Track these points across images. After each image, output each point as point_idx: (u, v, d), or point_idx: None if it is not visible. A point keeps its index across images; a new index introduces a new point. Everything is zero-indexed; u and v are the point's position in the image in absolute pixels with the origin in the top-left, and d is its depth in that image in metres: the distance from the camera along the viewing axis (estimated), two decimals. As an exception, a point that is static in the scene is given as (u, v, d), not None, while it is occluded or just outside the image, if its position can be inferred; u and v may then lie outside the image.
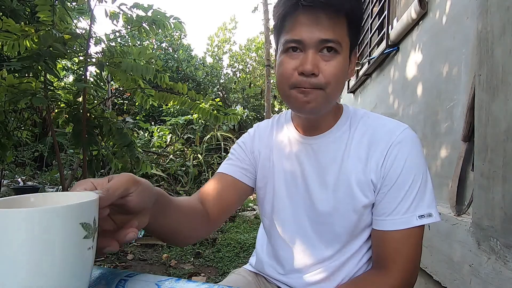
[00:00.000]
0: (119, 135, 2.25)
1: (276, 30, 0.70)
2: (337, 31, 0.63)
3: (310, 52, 0.63)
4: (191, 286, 0.51)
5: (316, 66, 0.63)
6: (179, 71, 10.22)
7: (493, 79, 0.97)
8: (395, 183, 0.67)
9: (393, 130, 0.70)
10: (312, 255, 0.76)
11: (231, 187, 0.79)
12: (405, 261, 0.66)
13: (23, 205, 0.43)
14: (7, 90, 1.77)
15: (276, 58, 0.71)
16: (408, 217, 0.66)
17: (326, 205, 0.72)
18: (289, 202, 0.77)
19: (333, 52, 0.64)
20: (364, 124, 0.73)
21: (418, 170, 0.67)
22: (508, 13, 0.92)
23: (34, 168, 5.60)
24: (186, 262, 2.51)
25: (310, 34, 0.62)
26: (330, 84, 0.64)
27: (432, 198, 0.68)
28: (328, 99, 0.66)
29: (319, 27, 0.62)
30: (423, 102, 1.67)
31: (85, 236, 0.38)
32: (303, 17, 0.63)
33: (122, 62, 2.03)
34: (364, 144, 0.71)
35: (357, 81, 3.20)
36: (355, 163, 0.70)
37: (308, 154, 0.75)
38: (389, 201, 0.67)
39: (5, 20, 1.82)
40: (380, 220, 0.69)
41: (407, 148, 0.68)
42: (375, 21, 2.77)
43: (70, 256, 0.38)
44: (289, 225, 0.78)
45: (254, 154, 0.83)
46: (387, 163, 0.68)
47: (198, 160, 5.86)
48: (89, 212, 0.39)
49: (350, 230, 0.72)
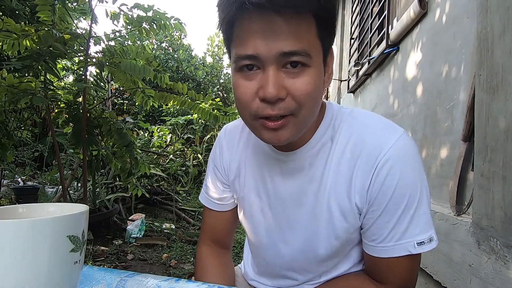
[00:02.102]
0: (119, 135, 2.24)
1: (225, 38, 0.54)
2: (303, 38, 0.48)
3: (270, 70, 0.48)
4: (191, 286, 0.51)
5: (282, 88, 0.49)
6: (179, 71, 10.22)
7: (493, 79, 0.97)
8: (386, 207, 0.56)
9: (383, 140, 0.56)
10: (293, 275, 0.70)
11: (224, 220, 0.78)
12: (402, 281, 0.60)
13: (11, 216, 0.42)
14: (7, 90, 1.77)
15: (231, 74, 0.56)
16: (403, 244, 0.56)
17: (304, 229, 0.64)
18: (264, 223, 0.69)
19: (301, 66, 0.49)
20: (348, 129, 0.60)
21: (414, 187, 0.55)
22: (508, 13, 0.92)
23: (34, 168, 5.60)
24: (186, 262, 2.51)
25: (266, 46, 0.47)
26: (303, 106, 0.51)
27: (430, 218, 0.57)
28: (303, 123, 0.54)
29: (277, 37, 0.47)
30: (423, 102, 1.67)
31: (72, 249, 0.37)
32: (254, 24, 0.47)
33: (121, 62, 2.03)
34: (347, 157, 0.58)
35: (357, 81, 3.20)
36: (335, 182, 0.59)
37: (282, 173, 0.64)
38: (379, 227, 0.57)
39: (5, 20, 1.82)
40: (370, 246, 0.60)
41: (400, 165, 0.55)
42: (375, 21, 2.77)
43: (56, 270, 0.36)
44: (267, 246, 0.71)
45: (226, 170, 0.74)
46: (374, 185, 0.56)
47: (198, 160, 5.86)
48: (78, 224, 0.38)
49: (334, 254, 0.65)
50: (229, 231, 0.80)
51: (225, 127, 0.77)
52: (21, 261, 0.34)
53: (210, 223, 0.78)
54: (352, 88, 3.48)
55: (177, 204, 4.05)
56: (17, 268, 0.34)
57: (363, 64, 2.92)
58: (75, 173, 3.04)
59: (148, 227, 3.15)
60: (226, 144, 0.74)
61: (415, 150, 0.58)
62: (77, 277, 0.40)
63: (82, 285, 0.51)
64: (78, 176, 3.28)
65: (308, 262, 0.67)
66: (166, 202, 4.03)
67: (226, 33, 0.53)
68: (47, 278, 0.36)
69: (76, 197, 3.34)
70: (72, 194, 3.36)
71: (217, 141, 0.76)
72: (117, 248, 2.66)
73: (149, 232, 3.08)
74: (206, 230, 0.79)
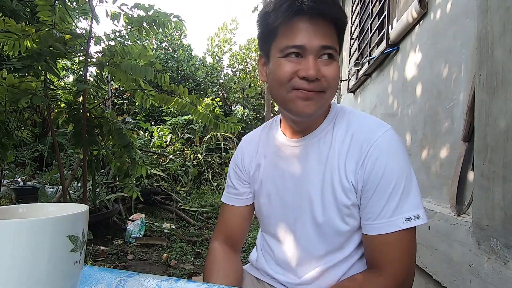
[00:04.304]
0: (118, 135, 2.25)
1: (264, 38, 0.72)
2: (333, 38, 0.68)
3: (310, 58, 0.66)
4: (191, 286, 0.51)
5: (319, 71, 0.66)
6: (179, 71, 10.22)
7: (493, 79, 0.97)
8: (377, 187, 0.67)
9: (373, 131, 0.70)
10: (303, 254, 0.78)
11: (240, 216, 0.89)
12: (397, 264, 0.67)
13: (11, 216, 0.42)
14: (7, 90, 1.77)
15: (261, 68, 0.76)
16: (394, 221, 0.66)
17: (314, 205, 0.74)
18: (279, 203, 0.80)
19: (331, 58, 0.68)
20: (348, 123, 0.75)
21: (401, 172, 0.67)
22: (508, 13, 0.92)
23: (34, 168, 5.60)
24: (186, 262, 2.51)
25: (311, 40, 0.65)
26: (331, 87, 0.68)
27: (418, 200, 0.68)
28: (326, 102, 0.70)
29: (319, 34, 0.65)
30: (423, 102, 1.67)
31: (72, 249, 0.37)
32: (303, 24, 0.65)
33: (121, 62, 2.03)
34: (346, 143, 0.72)
35: (357, 81, 3.20)
36: (337, 162, 0.72)
37: (296, 156, 0.78)
38: (373, 205, 0.68)
39: (6, 20, 1.82)
40: (367, 225, 0.70)
41: (387, 151, 0.68)
42: (375, 21, 2.77)
43: (56, 270, 0.36)
44: (281, 226, 0.81)
45: (246, 168, 0.88)
46: (367, 166, 0.68)
47: (198, 160, 5.86)
48: (78, 224, 0.38)
49: (338, 230, 0.74)
50: (242, 227, 0.90)
51: (244, 138, 0.93)
52: (21, 261, 0.34)
53: (225, 217, 0.90)
54: (352, 88, 3.48)
55: (177, 204, 4.06)
56: (17, 268, 0.34)
57: (363, 64, 2.92)
58: (75, 173, 3.04)
59: (148, 227, 3.15)
60: (247, 151, 0.89)
61: (399, 141, 0.71)
62: (77, 277, 0.40)
63: (82, 285, 0.51)
64: (78, 176, 3.28)
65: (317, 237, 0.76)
66: (166, 202, 4.03)
67: (268, 33, 0.69)
68: (47, 278, 0.36)
69: (76, 197, 3.34)
70: (72, 194, 3.36)
71: (238, 148, 0.92)
72: (117, 248, 2.66)
73: (149, 232, 3.09)
74: (220, 225, 0.90)
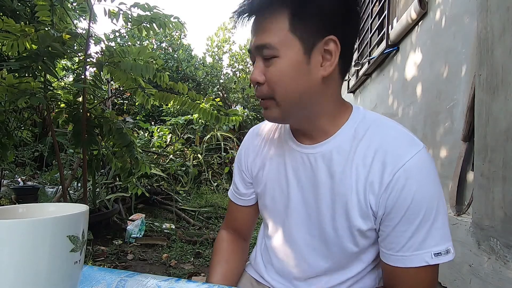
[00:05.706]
0: (119, 135, 2.24)
1: None
2: (273, 33, 0.57)
3: (256, 61, 0.61)
4: (191, 286, 0.51)
5: (261, 74, 0.60)
6: (179, 71, 10.21)
7: (493, 79, 0.97)
8: (404, 217, 0.58)
9: (403, 151, 0.59)
10: (304, 268, 0.72)
11: (245, 213, 0.86)
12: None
13: (11, 216, 0.42)
14: (7, 90, 1.77)
15: None
16: (420, 254, 0.58)
17: (323, 224, 0.67)
18: (283, 209, 0.73)
19: (272, 57, 0.58)
20: (371, 135, 0.62)
21: (431, 200, 0.58)
22: (508, 13, 0.92)
23: (34, 168, 5.60)
24: (186, 262, 2.51)
25: (251, 42, 0.61)
26: (275, 91, 0.60)
27: (447, 230, 0.60)
28: (283, 107, 0.61)
29: (256, 33, 0.60)
30: (423, 102, 1.67)
31: (72, 249, 0.37)
32: (252, 26, 0.62)
33: (121, 62, 2.03)
34: (368, 161, 0.61)
35: (357, 81, 3.20)
36: (354, 182, 0.61)
37: (304, 164, 0.68)
38: (397, 236, 0.60)
39: (5, 20, 1.82)
40: (389, 255, 0.61)
41: (418, 177, 0.58)
42: (375, 21, 2.77)
43: (56, 270, 0.36)
44: (284, 234, 0.75)
45: (249, 168, 0.81)
46: (392, 192, 0.58)
47: (198, 160, 5.86)
48: (78, 224, 0.38)
49: (345, 250, 0.67)
50: (249, 223, 0.88)
51: (251, 129, 0.85)
52: (21, 261, 0.34)
53: (232, 213, 0.88)
54: (352, 88, 3.48)
55: (177, 204, 4.05)
56: (17, 268, 0.34)
57: (363, 64, 2.92)
58: (75, 173, 3.04)
59: (148, 227, 3.15)
60: (252, 145, 0.81)
61: (431, 164, 0.61)
62: (77, 277, 0.40)
63: (82, 285, 0.51)
64: (78, 176, 3.28)
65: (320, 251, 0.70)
66: (166, 202, 4.03)
67: None
68: (47, 278, 0.36)
69: (76, 197, 3.34)
70: (72, 194, 3.36)
71: (243, 142, 0.84)
72: (117, 248, 2.66)
73: (149, 232, 3.08)
74: (229, 218, 0.89)
